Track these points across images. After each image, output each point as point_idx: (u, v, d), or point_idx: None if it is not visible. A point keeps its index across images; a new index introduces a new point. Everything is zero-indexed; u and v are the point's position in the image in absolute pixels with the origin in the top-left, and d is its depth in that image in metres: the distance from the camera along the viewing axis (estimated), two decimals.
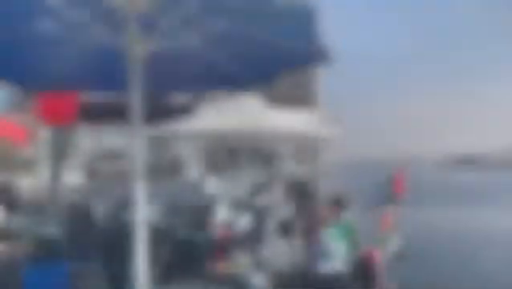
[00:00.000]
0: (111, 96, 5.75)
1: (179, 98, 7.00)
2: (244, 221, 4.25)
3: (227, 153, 11.53)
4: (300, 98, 10.04)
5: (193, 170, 10.70)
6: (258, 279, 2.47)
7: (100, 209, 6.52)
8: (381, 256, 2.76)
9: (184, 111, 6.78)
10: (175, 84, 3.59)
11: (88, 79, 3.35)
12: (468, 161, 50.63)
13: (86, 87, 4.11)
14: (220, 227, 4.37)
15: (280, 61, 2.96)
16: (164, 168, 9.78)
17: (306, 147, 16.04)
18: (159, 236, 4.47)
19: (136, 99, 2.43)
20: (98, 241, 4.32)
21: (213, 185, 7.77)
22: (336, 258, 2.46)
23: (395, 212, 3.15)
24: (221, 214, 5.62)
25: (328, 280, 2.41)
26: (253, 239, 4.20)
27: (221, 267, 2.75)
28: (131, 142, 2.44)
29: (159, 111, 6.71)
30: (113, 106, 5.94)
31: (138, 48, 2.38)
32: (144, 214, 2.42)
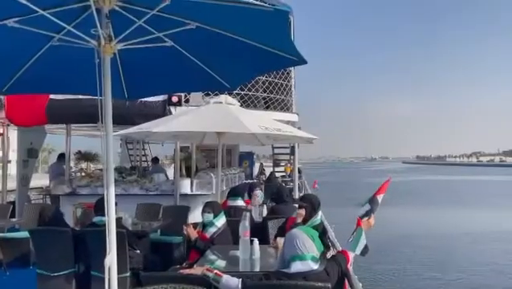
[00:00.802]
0: (82, 98, 5.70)
1: (153, 99, 6.97)
2: (219, 223, 4.24)
3: (203, 155, 11.50)
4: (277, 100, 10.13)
5: (169, 171, 10.58)
6: (232, 281, 2.47)
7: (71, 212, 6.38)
8: (353, 256, 2.80)
9: (159, 112, 6.76)
10: (149, 85, 3.54)
11: (58, 81, 3.27)
12: None
13: (55, 89, 4.01)
14: (194, 228, 4.35)
15: (255, 63, 2.98)
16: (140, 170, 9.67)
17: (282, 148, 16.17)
18: (133, 238, 4.44)
19: (107, 100, 2.39)
20: (68, 245, 4.23)
21: (188, 187, 7.72)
22: (308, 257, 2.48)
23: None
24: (196, 215, 5.60)
25: (300, 280, 2.43)
26: (227, 240, 4.20)
27: (196, 269, 2.73)
28: (102, 144, 2.39)
29: (133, 113, 6.69)
30: (84, 107, 5.89)
31: (108, 48, 2.34)
32: (114, 216, 2.38)
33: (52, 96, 6.82)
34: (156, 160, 11.96)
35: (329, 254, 3.23)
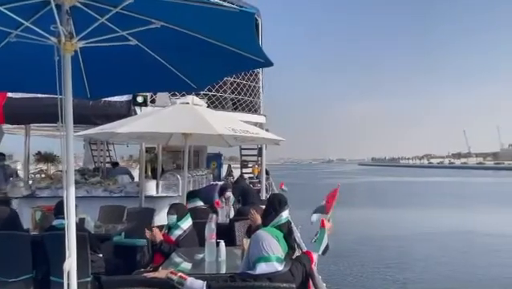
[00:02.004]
0: (42, 97, 5.49)
1: (118, 99, 6.81)
2: (185, 225, 4.20)
3: (170, 156, 11.36)
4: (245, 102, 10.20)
5: (134, 173, 10.38)
6: (197, 283, 2.44)
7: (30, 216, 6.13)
8: (317, 256, 2.84)
9: (123, 112, 6.61)
10: (112, 85, 3.46)
11: (16, 79, 3.14)
12: None
13: (13, 88, 3.85)
14: (160, 231, 4.28)
15: (222, 64, 2.97)
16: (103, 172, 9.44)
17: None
18: (95, 241, 4.32)
19: (67, 99, 2.31)
20: (25, 249, 4.06)
21: (154, 188, 7.60)
22: (273, 259, 2.49)
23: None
24: (162, 218, 5.52)
25: (265, 281, 2.43)
26: (193, 242, 4.16)
27: (160, 272, 2.68)
28: (62, 144, 2.31)
29: (96, 113, 6.51)
30: (44, 106, 5.68)
31: (69, 45, 2.27)
32: (74, 219, 2.31)
33: (10, 95, 6.54)
34: (115, 165, 11.42)
35: (294, 255, 3.26)
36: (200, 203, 5.54)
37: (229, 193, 6.14)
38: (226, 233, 4.75)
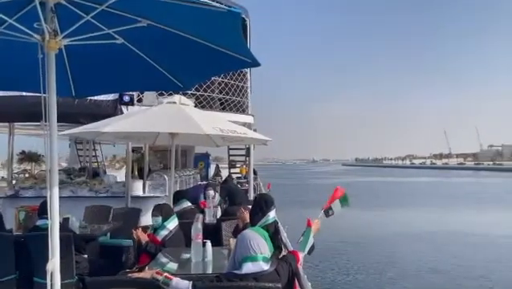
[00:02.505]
0: (26, 95, 5.41)
1: (104, 98, 6.75)
2: (171, 225, 4.17)
3: (157, 156, 11.27)
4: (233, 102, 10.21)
5: (120, 173, 10.29)
6: (182, 283, 2.43)
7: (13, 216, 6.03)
8: (303, 255, 2.85)
9: (109, 111, 6.55)
10: (98, 84, 3.43)
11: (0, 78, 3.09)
12: None
13: None
14: (145, 231, 4.25)
15: (209, 64, 2.96)
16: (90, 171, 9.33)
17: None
18: (80, 242, 4.27)
19: (51, 98, 2.28)
20: (8, 249, 3.99)
21: (140, 188, 7.55)
22: (259, 258, 2.49)
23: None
24: (149, 218, 5.47)
25: (251, 280, 2.43)
26: (179, 243, 4.15)
27: (146, 272, 2.66)
28: (46, 144, 2.28)
29: (81, 112, 6.44)
30: (27, 105, 5.59)
31: (53, 43, 2.24)
32: (58, 219, 2.28)
33: None
34: None
35: (281, 255, 3.27)
36: (187, 204, 5.52)
37: (211, 192, 6.12)
38: (213, 233, 4.74)
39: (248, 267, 2.45)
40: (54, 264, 2.24)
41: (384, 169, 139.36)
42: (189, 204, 5.57)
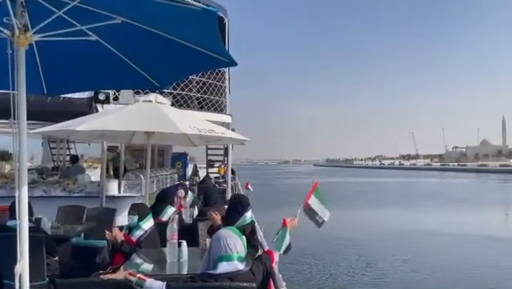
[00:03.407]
0: None
1: (78, 96, 6.61)
2: (146, 225, 4.12)
3: (133, 155, 11.12)
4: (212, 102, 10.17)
5: (95, 173, 10.09)
6: (156, 284, 2.41)
7: None
8: (278, 255, 2.86)
9: (84, 109, 6.42)
10: (72, 81, 3.36)
11: None
12: None
13: None
14: (120, 231, 4.19)
15: (184, 62, 2.94)
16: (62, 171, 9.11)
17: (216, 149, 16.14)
18: (52, 243, 4.17)
19: (21, 95, 2.22)
20: None
21: (116, 188, 7.42)
22: (234, 258, 2.49)
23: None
24: (124, 218, 5.39)
25: (226, 280, 2.43)
26: (154, 243, 4.10)
27: (118, 273, 2.62)
28: (14, 142, 2.21)
29: (55, 109, 6.29)
30: None
31: (23, 39, 2.18)
32: (27, 220, 2.22)
33: None
34: (75, 158, 10.55)
35: (257, 255, 3.27)
36: (172, 209, 5.40)
37: (181, 192, 6.07)
38: (189, 233, 4.71)
39: (223, 267, 2.45)
40: (22, 266, 2.18)
41: (355, 170, 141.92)
42: (174, 209, 5.48)
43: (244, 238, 2.60)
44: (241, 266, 2.50)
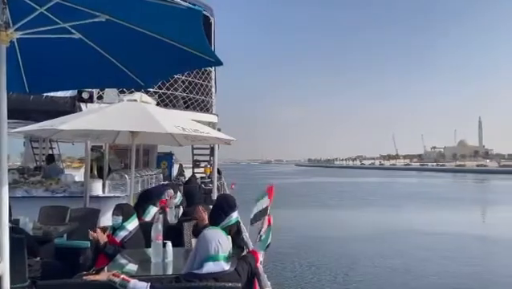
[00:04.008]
0: None
1: (62, 94, 6.51)
2: (130, 226, 4.08)
3: (118, 155, 10.98)
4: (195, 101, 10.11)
5: (79, 173, 9.95)
6: (140, 285, 2.38)
7: None
8: (262, 254, 2.87)
9: (67, 108, 6.33)
10: (54, 79, 3.30)
11: None
12: None
13: None
14: (104, 232, 4.13)
15: (169, 61, 2.92)
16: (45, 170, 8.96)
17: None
18: (34, 244, 4.10)
19: (1, 93, 2.17)
20: None
21: (100, 188, 7.33)
22: (220, 258, 2.48)
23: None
24: (108, 219, 5.33)
25: (211, 281, 2.42)
26: (139, 244, 4.06)
27: (102, 275, 2.59)
28: None
29: (37, 108, 6.19)
30: None
31: (3, 36, 2.14)
32: (7, 220, 2.17)
33: None
34: (51, 158, 10.32)
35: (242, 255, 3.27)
36: (154, 209, 5.34)
37: (171, 191, 6.03)
38: (174, 234, 4.68)
39: (209, 267, 2.44)
40: (3, 268, 2.14)
41: (336, 170, 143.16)
42: (156, 208, 5.43)
43: (230, 238, 2.59)
44: (226, 267, 2.49)
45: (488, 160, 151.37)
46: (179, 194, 6.86)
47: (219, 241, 2.49)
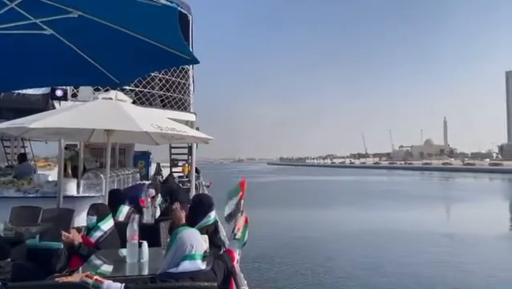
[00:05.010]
0: None
1: (33, 92, 6.34)
2: (105, 226, 4.02)
3: (93, 154, 10.78)
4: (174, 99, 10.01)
5: (52, 172, 9.73)
6: (114, 286, 2.35)
7: None
8: (238, 253, 2.87)
9: (40, 106, 6.17)
10: (25, 77, 3.22)
11: None
12: None
13: None
14: (78, 233, 4.05)
15: (145, 59, 2.89)
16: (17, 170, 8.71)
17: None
18: (4, 245, 3.98)
19: None
20: None
21: (74, 188, 7.18)
22: (197, 257, 2.47)
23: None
24: (82, 219, 5.22)
25: (187, 280, 2.41)
26: (114, 244, 4.00)
27: (74, 276, 2.54)
28: None
29: (7, 106, 6.01)
30: None
31: None
32: None
33: None
34: (23, 157, 9.96)
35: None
36: (126, 208, 5.25)
37: (152, 191, 5.97)
38: (151, 233, 4.62)
39: (185, 266, 2.43)
40: None
41: (308, 168, 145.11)
42: (127, 207, 5.34)
43: (206, 237, 2.59)
44: (203, 266, 2.49)
45: (453, 159, 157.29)
46: (153, 191, 6.79)
47: (194, 240, 2.49)
